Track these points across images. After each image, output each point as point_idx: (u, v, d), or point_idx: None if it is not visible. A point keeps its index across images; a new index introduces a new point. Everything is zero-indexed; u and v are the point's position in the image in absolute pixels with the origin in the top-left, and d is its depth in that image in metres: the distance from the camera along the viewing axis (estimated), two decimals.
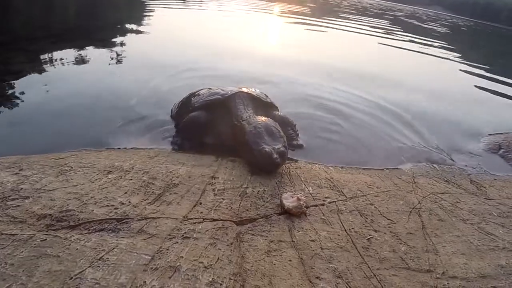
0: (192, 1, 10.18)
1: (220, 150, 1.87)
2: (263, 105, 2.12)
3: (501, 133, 2.77)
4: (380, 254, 1.22)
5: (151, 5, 8.00)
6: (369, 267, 1.15)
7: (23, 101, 2.32)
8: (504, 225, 1.48)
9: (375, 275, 1.11)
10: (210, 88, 2.26)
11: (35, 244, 1.05)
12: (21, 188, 1.29)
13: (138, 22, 5.91)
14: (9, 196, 1.24)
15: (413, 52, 6.65)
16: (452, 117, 3.13)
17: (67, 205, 1.23)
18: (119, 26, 5.46)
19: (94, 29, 4.97)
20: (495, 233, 1.42)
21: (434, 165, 2.08)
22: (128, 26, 5.50)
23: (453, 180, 1.90)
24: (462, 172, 2.04)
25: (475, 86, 4.45)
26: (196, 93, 2.23)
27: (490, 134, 2.76)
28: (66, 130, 2.01)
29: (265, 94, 2.27)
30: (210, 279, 0.99)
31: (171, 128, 2.10)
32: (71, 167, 1.48)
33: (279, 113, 2.17)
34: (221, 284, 0.98)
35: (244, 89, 2.12)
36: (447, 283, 1.12)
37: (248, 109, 1.95)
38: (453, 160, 2.21)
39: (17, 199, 1.23)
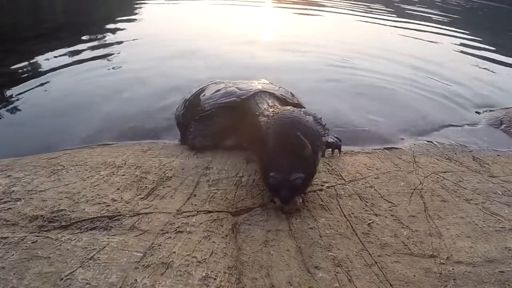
0: None
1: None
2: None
3: (502, 108, 2.70)
4: (381, 239, 1.18)
5: None
6: (369, 254, 1.11)
7: (15, 102, 2.29)
8: (510, 205, 1.43)
9: (376, 262, 1.08)
10: (221, 82, 1.99)
11: (26, 246, 1.02)
12: (13, 191, 1.27)
13: (129, 15, 5.81)
14: (1, 199, 1.21)
15: (403, 28, 6.48)
16: (450, 93, 3.05)
17: (59, 205, 1.20)
18: (109, 20, 5.36)
19: (83, 26, 4.89)
20: (500, 213, 1.37)
21: (435, 142, 2.03)
22: (119, 20, 5.40)
23: (455, 157, 1.84)
24: (464, 149, 1.98)
25: (471, 63, 4.33)
26: (206, 90, 1.95)
27: (490, 110, 2.69)
28: (60, 129, 1.99)
29: (290, 93, 1.92)
30: (204, 274, 0.96)
31: (169, 122, 2.05)
32: (63, 166, 1.45)
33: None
34: (215, 279, 0.95)
35: (266, 88, 1.76)
36: (452, 269, 1.07)
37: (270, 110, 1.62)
38: (453, 137, 2.15)
39: (9, 201, 1.21)
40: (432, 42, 5.60)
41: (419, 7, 11.53)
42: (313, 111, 1.87)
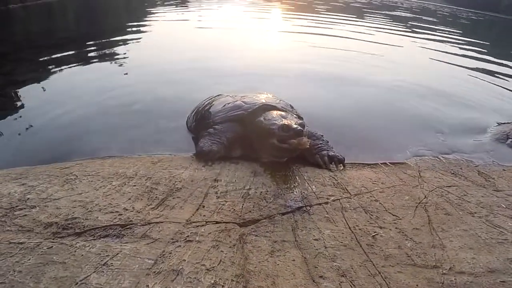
0: (193, 5, 10.23)
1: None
2: None
3: (509, 123, 2.69)
4: (385, 251, 1.21)
5: (151, 10, 8.06)
6: (373, 265, 1.14)
7: (28, 112, 2.37)
8: None
9: (380, 273, 1.10)
10: (228, 96, 2.16)
11: (42, 251, 1.07)
12: (28, 198, 1.32)
13: (139, 26, 5.95)
14: (16, 206, 1.27)
15: (404, 44, 6.53)
16: (456, 108, 3.07)
17: (73, 213, 1.25)
18: (120, 31, 5.53)
19: (95, 35, 5.04)
20: (504, 226, 1.38)
21: (440, 157, 2.05)
22: (129, 31, 5.54)
23: (460, 172, 1.86)
24: (470, 163, 2.00)
25: (475, 76, 4.35)
26: (214, 103, 2.11)
27: (497, 124, 2.70)
28: (72, 139, 2.05)
29: (290, 105, 2.10)
30: (212, 281, 0.99)
31: (178, 135, 2.11)
32: (76, 176, 1.51)
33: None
34: (223, 286, 0.98)
35: (269, 101, 1.97)
36: (454, 279, 1.10)
37: None
38: (459, 152, 2.17)
39: (25, 208, 1.27)
40: (439, 52, 5.63)
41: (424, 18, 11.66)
42: (314, 130, 1.95)
